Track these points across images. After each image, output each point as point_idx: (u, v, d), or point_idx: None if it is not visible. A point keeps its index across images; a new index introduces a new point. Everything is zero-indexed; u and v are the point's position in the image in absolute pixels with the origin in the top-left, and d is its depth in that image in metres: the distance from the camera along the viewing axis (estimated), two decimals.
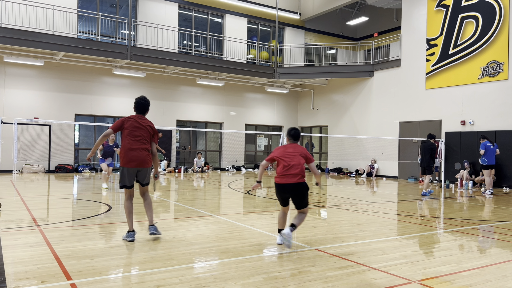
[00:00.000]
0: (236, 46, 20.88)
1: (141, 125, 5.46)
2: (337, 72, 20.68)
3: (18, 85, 16.67)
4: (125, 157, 5.37)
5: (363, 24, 23.74)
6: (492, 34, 14.64)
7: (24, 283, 3.70)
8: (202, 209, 8.13)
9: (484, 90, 14.84)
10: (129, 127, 5.41)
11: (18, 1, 15.51)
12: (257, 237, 5.78)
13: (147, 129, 5.50)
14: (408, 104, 17.60)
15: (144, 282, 3.80)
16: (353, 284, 3.87)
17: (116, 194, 10.73)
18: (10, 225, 6.25)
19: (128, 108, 18.99)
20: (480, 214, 8.52)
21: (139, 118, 5.53)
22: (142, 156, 5.41)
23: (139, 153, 5.38)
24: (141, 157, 5.40)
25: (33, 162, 16.75)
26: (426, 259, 4.79)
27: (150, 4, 19.04)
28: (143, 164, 5.42)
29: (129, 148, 5.37)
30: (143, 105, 5.60)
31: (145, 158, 5.43)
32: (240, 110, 22.31)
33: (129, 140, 5.39)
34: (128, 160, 5.36)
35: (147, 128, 5.50)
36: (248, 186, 13.34)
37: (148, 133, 5.50)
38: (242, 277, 3.99)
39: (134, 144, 5.38)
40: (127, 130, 5.40)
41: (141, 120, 5.51)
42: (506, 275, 4.24)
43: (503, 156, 14.11)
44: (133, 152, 5.36)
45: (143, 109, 5.61)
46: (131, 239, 5.40)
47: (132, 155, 5.36)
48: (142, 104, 5.59)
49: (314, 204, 9.66)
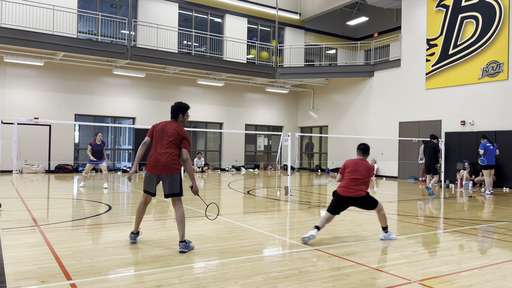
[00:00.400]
0: (236, 46, 20.88)
1: (167, 128, 5.13)
2: (337, 72, 20.68)
3: (18, 85, 16.67)
4: (147, 160, 5.14)
5: (363, 24, 23.74)
6: (492, 34, 14.64)
7: (24, 283, 3.70)
8: (202, 209, 8.13)
9: (484, 90, 14.84)
10: (157, 132, 5.17)
11: (18, 1, 15.51)
12: (257, 237, 5.78)
13: (173, 133, 5.08)
14: (408, 104, 17.60)
15: (144, 282, 3.80)
16: (353, 284, 3.87)
17: (116, 194, 10.73)
18: (10, 225, 6.25)
19: (128, 108, 19.02)
20: (480, 214, 8.52)
21: (168, 122, 5.23)
22: (163, 160, 4.98)
23: (159, 157, 5.00)
24: (162, 161, 4.98)
25: (33, 162, 16.75)
26: (426, 259, 4.79)
27: (150, 4, 19.04)
28: (163, 170, 4.99)
29: (151, 151, 5.14)
30: (173, 109, 5.29)
31: (166, 162, 4.98)
32: (240, 110, 22.31)
33: (153, 143, 5.16)
34: (148, 163, 5.10)
35: (173, 132, 5.09)
36: (248, 186, 13.34)
37: (174, 136, 5.07)
38: (242, 277, 3.99)
39: (157, 147, 5.08)
40: (155, 135, 5.17)
41: (169, 124, 5.19)
42: (506, 275, 4.24)
43: (503, 156, 14.11)
44: (154, 155, 5.05)
45: (173, 114, 5.31)
46: (132, 241, 5.32)
47: (152, 159, 5.06)
48: (172, 108, 5.30)
49: (314, 204, 9.66)
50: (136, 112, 19.14)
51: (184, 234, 4.98)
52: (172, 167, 5.00)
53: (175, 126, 5.15)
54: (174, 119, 5.29)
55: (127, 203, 9.18)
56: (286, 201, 9.89)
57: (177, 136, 5.07)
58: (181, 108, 5.28)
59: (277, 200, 10.01)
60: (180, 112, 5.28)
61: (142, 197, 5.31)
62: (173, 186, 5.01)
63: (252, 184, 14.15)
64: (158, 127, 5.20)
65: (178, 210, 5.05)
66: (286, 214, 8.10)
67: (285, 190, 11.09)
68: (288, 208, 8.84)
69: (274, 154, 24.04)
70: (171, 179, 5.01)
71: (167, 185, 5.01)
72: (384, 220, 5.75)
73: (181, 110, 5.28)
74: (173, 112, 5.30)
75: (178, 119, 5.28)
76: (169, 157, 4.99)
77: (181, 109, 5.28)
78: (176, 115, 5.28)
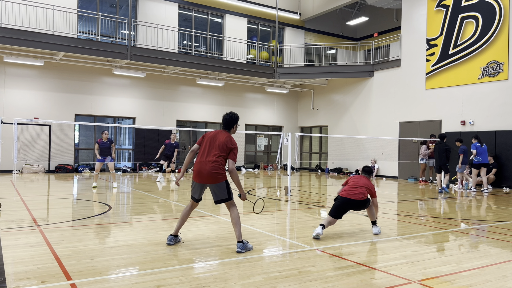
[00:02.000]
0: (236, 46, 20.88)
1: (218, 138, 5.11)
2: (337, 72, 20.68)
3: (18, 85, 16.67)
4: (193, 167, 5.17)
5: (363, 24, 23.74)
6: (492, 34, 14.64)
7: (24, 283, 3.70)
8: (202, 209, 8.13)
9: (484, 90, 14.84)
10: (207, 140, 5.16)
11: (18, 1, 15.51)
12: (257, 237, 5.78)
13: (223, 143, 5.06)
14: (408, 104, 17.60)
15: (144, 282, 3.80)
16: (353, 284, 3.87)
17: (116, 194, 10.74)
18: (10, 225, 6.25)
19: (128, 108, 19.01)
20: (480, 214, 8.52)
21: (220, 132, 5.22)
22: (207, 168, 4.99)
23: (204, 165, 5.02)
24: (206, 169, 5.00)
25: (33, 162, 16.75)
26: (426, 259, 4.79)
27: (150, 4, 19.04)
28: (208, 179, 5.01)
29: (197, 159, 5.16)
30: (226, 120, 5.27)
31: (210, 172, 4.98)
32: (240, 110, 22.30)
33: (201, 150, 5.16)
34: (194, 170, 5.13)
35: (223, 143, 5.07)
36: (248, 186, 13.34)
37: (224, 147, 5.05)
38: (242, 277, 3.99)
39: (203, 155, 5.09)
40: (205, 143, 5.18)
41: (220, 134, 5.17)
42: (506, 275, 4.24)
43: (503, 156, 14.12)
44: (200, 163, 5.07)
45: (226, 124, 5.29)
46: (168, 242, 5.26)
47: (197, 166, 5.09)
48: (225, 119, 5.28)
49: (314, 204, 9.66)
50: (136, 112, 19.14)
51: (240, 234, 5.03)
52: (216, 177, 5.01)
53: (225, 136, 5.13)
54: (227, 130, 5.29)
55: (127, 203, 9.18)
56: (286, 201, 9.89)
57: (227, 148, 5.07)
58: (236, 118, 5.31)
59: (277, 200, 10.01)
60: (235, 123, 5.31)
61: (189, 202, 5.37)
62: (219, 193, 5.09)
63: (252, 184, 14.15)
64: (209, 135, 5.21)
65: (232, 212, 5.11)
66: (286, 214, 8.10)
67: (285, 190, 11.09)
68: (288, 208, 8.84)
69: (274, 154, 24.04)
70: (217, 187, 5.07)
71: (214, 192, 5.12)
72: (375, 215, 6.27)
73: (235, 120, 5.30)
74: (227, 124, 5.28)
75: (231, 129, 5.31)
76: (213, 166, 5.00)
77: (235, 119, 5.30)
78: (231, 126, 5.29)
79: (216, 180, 5.02)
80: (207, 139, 5.17)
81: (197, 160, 5.14)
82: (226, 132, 5.23)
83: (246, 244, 5.06)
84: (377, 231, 6.14)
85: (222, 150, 5.04)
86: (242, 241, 5.00)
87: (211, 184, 5.06)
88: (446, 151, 12.71)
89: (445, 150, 12.71)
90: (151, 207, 8.57)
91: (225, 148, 5.05)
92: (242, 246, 4.96)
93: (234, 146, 5.09)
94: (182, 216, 5.33)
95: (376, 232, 6.13)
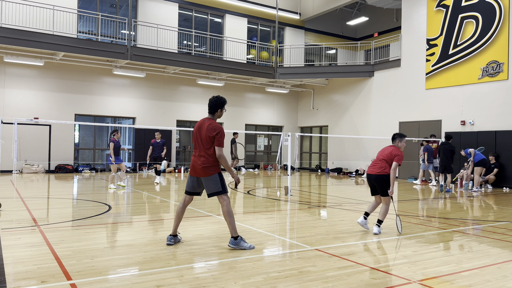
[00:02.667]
0: (236, 46, 20.88)
1: (202, 131, 5.11)
2: (337, 72, 20.68)
3: (18, 85, 16.67)
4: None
5: (363, 24, 23.74)
6: (492, 34, 14.64)
7: (24, 283, 3.70)
8: (202, 209, 8.14)
9: (484, 90, 14.85)
10: (194, 134, 5.22)
11: (18, 1, 15.51)
12: (257, 237, 5.78)
13: (205, 134, 5.04)
14: (408, 104, 17.60)
15: (144, 282, 3.80)
16: (353, 284, 3.87)
17: (116, 194, 10.73)
18: (10, 225, 6.25)
19: (128, 108, 19.01)
20: (480, 214, 8.52)
21: (204, 121, 5.19)
22: (199, 163, 5.07)
23: (196, 160, 5.11)
24: (198, 164, 5.07)
25: (33, 162, 16.75)
26: (426, 259, 4.78)
27: (150, 4, 19.04)
28: (199, 173, 5.08)
29: (192, 155, 5.24)
30: (210, 103, 5.24)
31: (201, 166, 5.04)
32: (240, 110, 22.31)
33: (194, 146, 5.24)
34: (191, 164, 5.24)
35: (205, 133, 5.04)
36: (248, 186, 13.34)
37: (207, 138, 5.04)
38: (242, 277, 3.99)
39: (195, 151, 5.19)
40: (194, 137, 5.21)
41: (203, 123, 5.15)
42: (506, 275, 4.24)
43: (503, 156, 14.12)
44: (193, 159, 5.19)
45: (210, 108, 5.26)
46: (168, 242, 5.23)
47: (192, 161, 5.21)
48: (210, 102, 5.25)
49: (314, 204, 9.66)
50: (136, 112, 19.14)
51: (234, 229, 5.01)
52: (206, 171, 5.04)
53: (207, 125, 5.08)
54: (212, 114, 5.26)
55: (127, 203, 9.18)
56: (286, 201, 9.89)
57: (210, 138, 5.03)
58: (221, 103, 5.24)
59: (277, 200, 10.01)
60: (219, 107, 5.24)
61: (182, 198, 5.35)
62: (211, 186, 5.08)
63: (252, 184, 14.15)
64: (195, 129, 5.21)
65: (223, 206, 5.10)
66: (286, 214, 8.10)
67: (285, 190, 11.08)
68: (288, 208, 8.84)
69: (274, 154, 24.04)
70: (208, 180, 5.07)
71: (206, 186, 5.12)
72: (383, 215, 6.28)
73: (220, 105, 5.23)
74: (211, 107, 5.24)
75: (215, 114, 5.25)
76: (202, 160, 5.04)
77: (220, 104, 5.23)
78: (215, 109, 5.23)
79: (207, 174, 5.05)
80: (195, 134, 5.21)
81: (192, 154, 5.23)
82: (210, 119, 5.19)
83: (241, 241, 5.02)
84: (377, 231, 6.15)
85: (206, 144, 5.06)
86: (236, 237, 4.99)
87: (203, 178, 5.08)
88: (451, 152, 12.83)
89: (450, 151, 12.83)
90: (151, 207, 8.57)
91: (208, 140, 5.05)
92: (233, 242, 4.97)
93: (216, 132, 5.02)
94: (177, 213, 5.31)
95: (376, 232, 6.14)
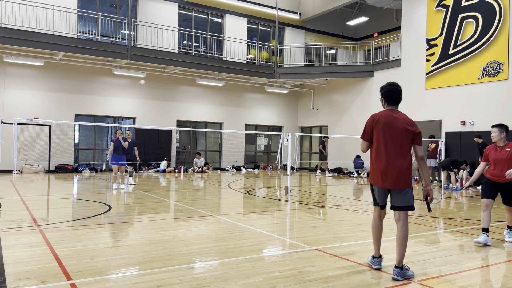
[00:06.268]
0: (236, 46, 20.88)
1: (392, 123, 4.14)
2: (337, 72, 20.67)
3: (18, 85, 16.67)
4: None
5: (363, 24, 23.74)
6: (492, 34, 14.64)
7: (24, 283, 3.70)
8: (202, 209, 8.14)
9: (484, 90, 14.84)
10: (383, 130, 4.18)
11: (18, 1, 15.51)
12: (257, 237, 5.78)
13: (404, 126, 4.13)
14: (408, 104, 17.57)
15: (144, 282, 3.80)
16: (353, 284, 3.87)
17: (117, 194, 10.73)
18: (10, 225, 6.25)
19: (128, 108, 19.01)
20: (480, 214, 8.50)
21: (391, 113, 4.21)
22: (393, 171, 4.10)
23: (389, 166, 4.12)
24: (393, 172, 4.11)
25: (33, 162, 16.75)
26: (426, 259, 4.79)
27: (150, 4, 19.04)
28: (397, 184, 4.09)
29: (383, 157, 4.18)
30: (398, 92, 4.24)
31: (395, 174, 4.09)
32: (240, 110, 22.31)
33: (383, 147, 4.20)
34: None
35: (404, 125, 4.13)
36: (248, 186, 13.34)
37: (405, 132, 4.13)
38: (242, 277, 3.99)
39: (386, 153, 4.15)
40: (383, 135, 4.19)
41: (398, 116, 4.19)
42: (506, 275, 4.24)
43: None
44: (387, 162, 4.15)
45: (398, 99, 4.25)
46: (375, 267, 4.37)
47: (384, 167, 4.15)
48: (397, 91, 4.24)
49: (314, 204, 9.66)
50: (136, 112, 19.14)
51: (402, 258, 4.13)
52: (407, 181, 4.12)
53: (402, 118, 4.17)
54: (397, 106, 4.29)
55: (127, 203, 9.17)
56: (286, 201, 9.89)
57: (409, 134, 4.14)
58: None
59: (277, 200, 10.01)
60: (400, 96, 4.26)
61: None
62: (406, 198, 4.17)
63: (252, 184, 14.15)
64: (383, 124, 4.15)
65: (404, 226, 4.15)
66: (286, 214, 8.10)
67: (285, 190, 11.08)
68: (288, 208, 8.84)
69: (274, 154, 24.04)
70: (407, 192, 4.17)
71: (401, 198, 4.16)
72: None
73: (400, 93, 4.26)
74: (399, 96, 4.24)
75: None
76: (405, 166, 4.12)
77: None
78: (400, 99, 4.25)
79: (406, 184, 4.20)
80: (383, 131, 4.19)
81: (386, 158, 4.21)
82: (399, 112, 4.29)
83: (406, 271, 4.10)
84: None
85: (407, 144, 4.21)
86: (401, 267, 4.07)
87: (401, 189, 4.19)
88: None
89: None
90: (151, 207, 8.57)
91: (408, 139, 4.22)
92: (399, 273, 4.02)
93: (416, 127, 4.25)
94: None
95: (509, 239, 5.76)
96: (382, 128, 4.13)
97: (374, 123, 4.19)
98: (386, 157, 4.10)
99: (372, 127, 4.20)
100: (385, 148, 4.11)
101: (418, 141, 4.18)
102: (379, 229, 4.27)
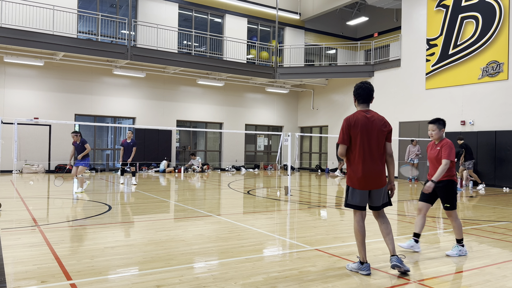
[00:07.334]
0: (236, 46, 20.88)
1: (369, 124, 4.26)
2: (337, 72, 20.68)
3: (18, 85, 16.67)
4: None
5: (363, 24, 23.74)
6: (492, 34, 14.64)
7: (24, 283, 3.70)
8: (202, 209, 8.14)
9: (484, 90, 14.84)
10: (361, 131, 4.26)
11: (18, 1, 15.51)
12: (257, 237, 5.78)
13: (379, 127, 4.27)
14: (408, 104, 17.60)
15: (144, 282, 3.80)
16: (353, 284, 3.87)
17: (116, 194, 10.73)
18: (10, 225, 6.25)
19: (128, 108, 19.01)
20: (480, 214, 8.51)
21: (365, 113, 4.33)
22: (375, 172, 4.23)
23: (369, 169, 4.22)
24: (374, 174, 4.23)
25: (33, 162, 16.75)
26: (426, 259, 4.79)
27: (150, 4, 19.04)
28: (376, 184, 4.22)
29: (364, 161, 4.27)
30: (368, 90, 4.43)
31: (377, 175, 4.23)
32: (240, 110, 22.32)
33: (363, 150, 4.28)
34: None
35: (379, 126, 4.28)
36: (248, 186, 13.34)
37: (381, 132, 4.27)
38: (242, 277, 3.99)
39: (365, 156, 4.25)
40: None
41: (373, 116, 4.32)
42: (506, 275, 4.24)
43: (503, 156, 14.12)
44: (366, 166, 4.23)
45: (369, 97, 4.43)
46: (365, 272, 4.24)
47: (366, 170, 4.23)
48: (367, 88, 4.43)
49: (314, 204, 9.66)
50: (136, 112, 19.14)
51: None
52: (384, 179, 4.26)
53: (376, 118, 4.32)
54: (368, 104, 4.44)
55: (127, 203, 9.18)
56: (286, 201, 9.89)
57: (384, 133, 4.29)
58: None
59: (277, 200, 10.01)
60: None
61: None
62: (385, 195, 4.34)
63: (252, 184, 14.15)
64: (362, 126, 4.23)
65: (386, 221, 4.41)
66: (286, 214, 8.10)
67: (285, 190, 11.08)
68: (288, 208, 8.84)
69: (274, 154, 24.04)
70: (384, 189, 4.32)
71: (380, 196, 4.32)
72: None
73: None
74: (370, 95, 4.43)
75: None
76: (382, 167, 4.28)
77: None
78: (371, 98, 4.43)
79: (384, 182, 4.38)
80: (362, 132, 4.29)
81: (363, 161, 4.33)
82: (372, 111, 4.46)
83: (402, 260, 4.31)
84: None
85: (382, 143, 4.35)
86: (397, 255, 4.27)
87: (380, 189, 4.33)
88: (457, 154, 12.97)
89: (456, 153, 13.09)
90: (151, 207, 8.57)
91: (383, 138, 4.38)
92: (398, 259, 4.17)
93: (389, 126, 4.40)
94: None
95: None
96: (360, 131, 4.20)
97: (351, 126, 4.24)
98: (366, 159, 4.18)
99: (349, 131, 4.24)
100: (363, 150, 4.19)
101: (389, 139, 4.33)
102: (363, 231, 4.25)
